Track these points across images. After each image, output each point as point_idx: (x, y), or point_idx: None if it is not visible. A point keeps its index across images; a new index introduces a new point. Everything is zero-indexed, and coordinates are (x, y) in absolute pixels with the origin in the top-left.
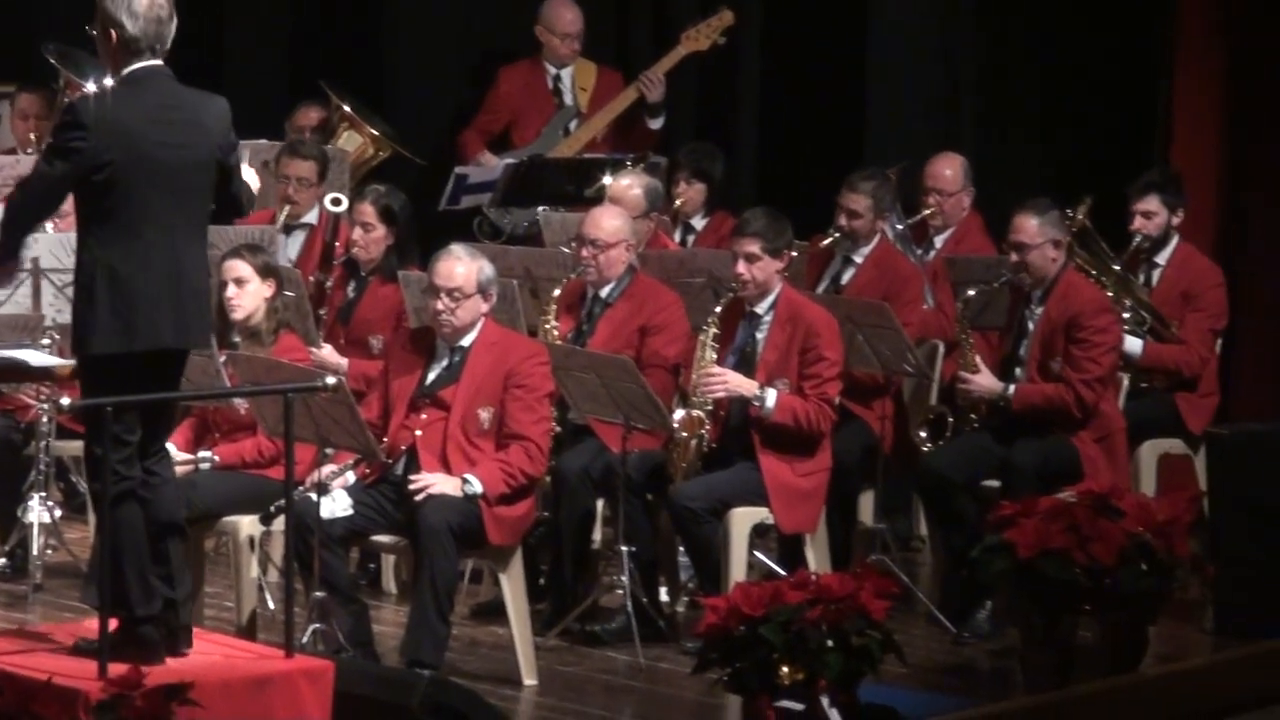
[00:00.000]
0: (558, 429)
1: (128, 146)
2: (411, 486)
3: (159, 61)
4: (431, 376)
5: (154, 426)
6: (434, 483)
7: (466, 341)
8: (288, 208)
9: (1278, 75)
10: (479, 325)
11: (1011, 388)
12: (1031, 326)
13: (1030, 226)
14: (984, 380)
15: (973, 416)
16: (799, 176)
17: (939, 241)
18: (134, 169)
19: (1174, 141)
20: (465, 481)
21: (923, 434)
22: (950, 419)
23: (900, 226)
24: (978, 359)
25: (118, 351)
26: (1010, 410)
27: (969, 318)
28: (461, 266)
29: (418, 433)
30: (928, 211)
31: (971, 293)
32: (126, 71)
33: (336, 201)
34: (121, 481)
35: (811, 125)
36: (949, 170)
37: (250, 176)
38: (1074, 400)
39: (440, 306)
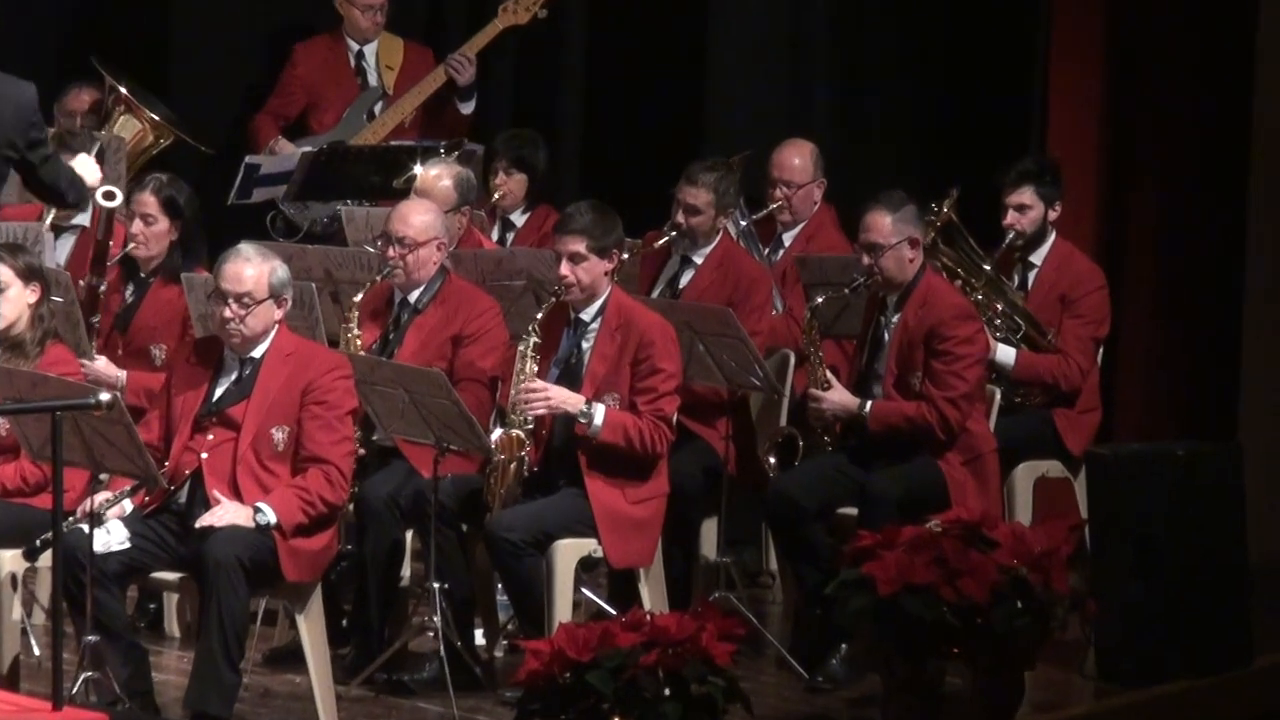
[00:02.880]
0: (362, 451)
1: None
2: (199, 524)
3: None
4: (219, 392)
5: None
6: (222, 514)
7: (258, 352)
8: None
9: (1161, 56)
10: (272, 334)
11: (868, 405)
12: (887, 337)
13: (883, 224)
14: (837, 397)
15: (826, 438)
16: (630, 167)
17: (788, 239)
18: None
19: (1051, 127)
20: (257, 510)
21: (771, 459)
22: (801, 441)
23: (745, 223)
24: (829, 374)
25: None
26: (867, 431)
27: (819, 326)
28: (251, 268)
29: (203, 455)
30: (775, 205)
31: (820, 299)
32: None
33: (109, 196)
34: None
35: (644, 109)
36: (798, 159)
37: (86, 167)
38: (937, 420)
39: (228, 314)
